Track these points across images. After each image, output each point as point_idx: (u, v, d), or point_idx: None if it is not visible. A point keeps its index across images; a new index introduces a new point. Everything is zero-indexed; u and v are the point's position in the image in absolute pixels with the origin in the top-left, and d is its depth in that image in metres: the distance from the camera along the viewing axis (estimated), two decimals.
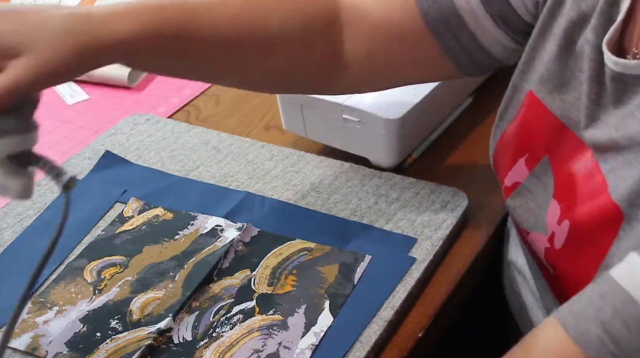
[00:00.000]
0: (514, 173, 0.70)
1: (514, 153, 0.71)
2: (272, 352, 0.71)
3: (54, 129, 1.05)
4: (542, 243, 0.67)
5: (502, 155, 0.73)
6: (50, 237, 0.63)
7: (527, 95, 0.69)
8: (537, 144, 0.69)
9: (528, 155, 0.69)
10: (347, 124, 0.89)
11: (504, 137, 0.72)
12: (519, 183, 0.70)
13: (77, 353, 0.73)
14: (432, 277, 0.79)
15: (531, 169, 0.69)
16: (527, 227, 0.69)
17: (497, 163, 0.75)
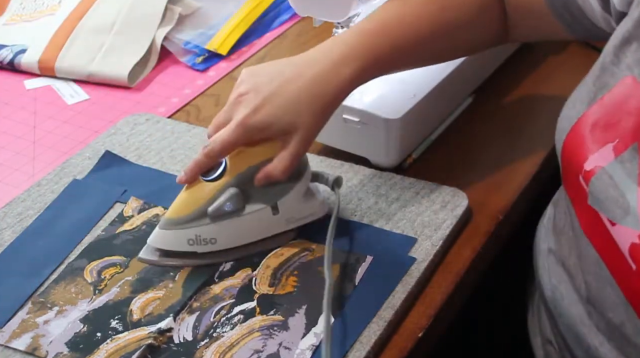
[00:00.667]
0: (599, 157, 0.68)
1: (601, 137, 0.69)
2: (272, 352, 0.71)
3: (54, 129, 1.05)
4: (630, 237, 0.65)
5: (582, 139, 0.71)
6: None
7: (625, 79, 0.68)
8: (628, 131, 0.67)
9: (618, 140, 0.67)
10: (347, 124, 0.89)
11: (585, 120, 0.70)
12: (601, 167, 0.68)
13: (77, 353, 0.73)
14: (432, 277, 0.79)
15: (618, 155, 0.67)
16: (613, 218, 0.67)
17: (572, 146, 0.72)
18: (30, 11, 1.27)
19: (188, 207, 0.78)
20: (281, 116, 0.75)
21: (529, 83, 1.04)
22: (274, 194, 0.78)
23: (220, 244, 0.79)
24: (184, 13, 1.21)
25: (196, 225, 0.77)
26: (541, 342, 0.85)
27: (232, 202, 0.76)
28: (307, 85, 0.76)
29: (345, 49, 0.78)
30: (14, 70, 1.18)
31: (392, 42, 0.81)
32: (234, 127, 0.76)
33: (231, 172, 0.77)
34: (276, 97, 0.75)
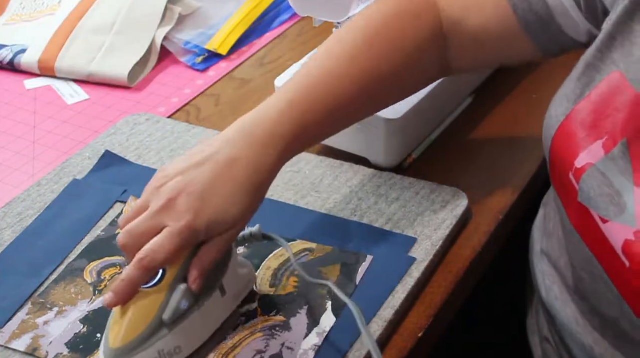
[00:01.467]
0: (589, 154, 0.68)
1: (590, 134, 0.69)
2: (275, 352, 0.71)
3: (54, 129, 1.05)
4: (624, 235, 0.65)
5: (571, 136, 0.70)
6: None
7: (611, 75, 0.68)
8: (617, 127, 0.67)
9: (607, 137, 0.67)
10: None
11: (574, 117, 0.70)
12: (592, 165, 0.68)
13: (77, 353, 0.73)
14: (432, 277, 0.79)
15: (608, 152, 0.67)
16: (606, 215, 0.67)
17: (560, 144, 0.72)
18: (30, 11, 1.27)
19: (138, 326, 0.67)
20: (226, 215, 0.69)
21: (528, 83, 1.04)
22: (216, 275, 0.70)
23: (186, 350, 0.69)
24: (184, 13, 1.21)
25: (155, 340, 0.67)
26: (539, 340, 0.85)
27: (186, 298, 0.68)
28: (244, 174, 0.70)
29: (271, 130, 0.72)
30: (14, 70, 1.18)
31: (317, 113, 0.75)
32: (177, 236, 0.67)
33: (172, 270, 0.67)
34: (214, 196, 0.68)
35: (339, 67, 0.77)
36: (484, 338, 1.02)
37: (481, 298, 0.89)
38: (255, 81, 1.11)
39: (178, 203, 0.68)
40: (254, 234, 0.76)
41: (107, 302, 0.68)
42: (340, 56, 0.78)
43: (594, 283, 0.71)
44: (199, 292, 0.68)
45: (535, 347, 0.87)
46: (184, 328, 0.68)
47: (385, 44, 0.79)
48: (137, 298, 0.67)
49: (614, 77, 0.68)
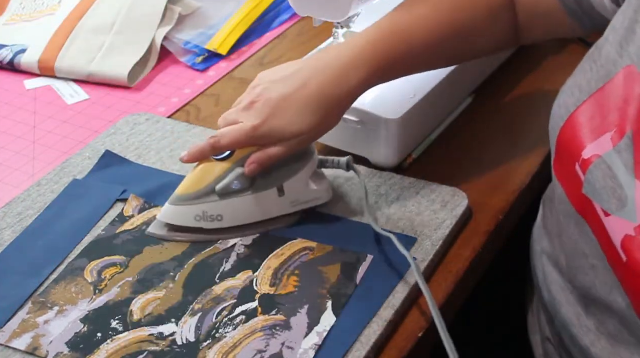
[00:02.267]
0: (597, 146, 0.69)
1: (600, 126, 0.69)
2: (275, 352, 0.71)
3: (54, 129, 1.05)
4: (624, 229, 0.66)
5: (581, 127, 0.71)
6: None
7: (626, 69, 0.68)
8: (626, 119, 0.67)
9: (616, 130, 0.67)
10: (347, 124, 0.89)
11: (585, 108, 0.71)
12: (599, 156, 0.68)
13: (77, 353, 0.73)
14: (432, 277, 0.79)
15: (615, 145, 0.67)
16: (609, 208, 0.67)
17: (569, 134, 0.72)
18: (30, 11, 1.27)
19: (197, 184, 0.81)
20: (285, 128, 0.79)
21: (528, 83, 1.04)
22: (281, 176, 0.81)
23: (226, 221, 0.82)
24: (184, 13, 1.21)
25: (204, 201, 0.81)
26: (540, 339, 0.85)
27: (239, 181, 0.80)
28: (316, 92, 0.79)
29: (355, 53, 0.80)
30: (14, 70, 1.18)
31: (402, 46, 0.82)
32: (244, 131, 0.80)
33: (239, 154, 0.80)
34: (283, 109, 0.79)
35: (422, 11, 0.84)
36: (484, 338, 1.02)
37: (481, 298, 0.89)
38: None
39: (256, 106, 0.80)
40: (340, 162, 0.85)
41: (181, 157, 0.83)
42: (428, 3, 0.85)
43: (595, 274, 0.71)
44: (254, 181, 0.81)
45: (536, 346, 0.87)
46: (231, 203, 0.81)
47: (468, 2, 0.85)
48: (206, 165, 0.82)
49: (629, 70, 0.68)
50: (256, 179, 0.81)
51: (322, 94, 0.79)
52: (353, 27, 0.92)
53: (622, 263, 0.66)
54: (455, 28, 0.84)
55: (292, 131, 0.79)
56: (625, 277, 0.67)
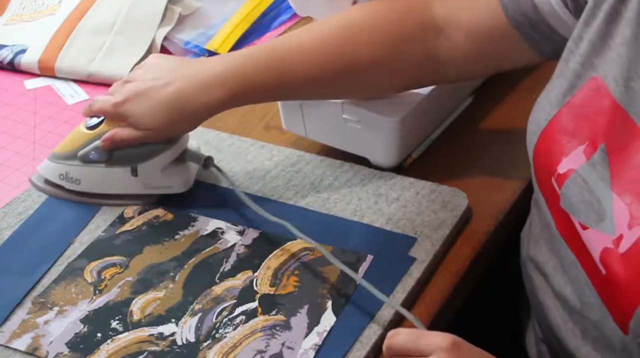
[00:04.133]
0: (571, 160, 0.69)
1: (572, 140, 0.69)
2: (275, 352, 0.71)
3: (54, 129, 1.05)
4: (603, 243, 0.66)
5: (554, 142, 0.71)
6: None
7: (591, 81, 0.68)
8: (596, 132, 0.67)
9: (588, 143, 0.67)
10: (347, 124, 0.89)
11: (556, 123, 0.71)
12: (574, 170, 0.68)
13: (77, 353, 0.73)
14: (432, 277, 0.79)
15: (589, 158, 0.67)
16: (586, 222, 0.67)
17: (543, 149, 0.72)
18: (30, 11, 1.27)
19: (67, 146, 0.89)
20: (139, 115, 0.84)
21: (528, 83, 1.04)
22: (137, 157, 0.86)
23: (83, 186, 0.88)
24: (184, 13, 1.21)
25: (68, 163, 0.88)
26: (535, 340, 0.85)
27: (97, 152, 0.86)
28: (173, 96, 0.83)
29: (221, 71, 0.82)
30: (14, 70, 1.18)
31: (272, 73, 0.83)
32: (107, 104, 0.86)
33: (103, 128, 0.86)
34: (144, 97, 0.84)
35: (311, 40, 0.84)
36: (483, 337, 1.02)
37: (481, 298, 0.89)
38: None
39: (126, 86, 0.85)
40: (198, 157, 0.89)
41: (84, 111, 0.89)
42: (318, 32, 0.84)
43: (579, 288, 0.71)
44: (112, 156, 0.86)
45: (530, 346, 0.87)
46: (88, 170, 0.88)
47: (368, 30, 0.83)
48: (78, 130, 0.89)
49: (594, 82, 0.68)
50: (113, 154, 0.86)
51: (178, 100, 0.82)
52: None
53: (602, 277, 0.66)
54: (343, 64, 0.83)
55: (142, 122, 0.84)
56: (604, 291, 0.67)
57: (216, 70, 0.82)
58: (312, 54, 0.83)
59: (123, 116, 0.85)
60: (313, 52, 0.83)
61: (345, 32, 0.83)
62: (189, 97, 0.82)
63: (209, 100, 0.82)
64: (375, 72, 0.84)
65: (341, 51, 0.83)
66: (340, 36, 0.83)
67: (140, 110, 0.84)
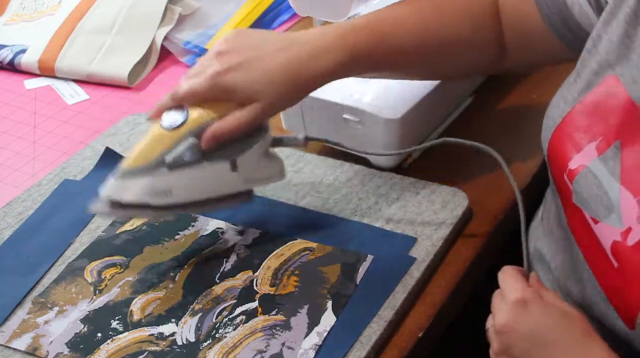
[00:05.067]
0: (582, 156, 0.69)
1: (585, 136, 0.70)
2: (275, 352, 0.71)
3: (54, 129, 1.05)
4: (612, 235, 0.66)
5: (567, 138, 0.71)
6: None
7: (607, 79, 0.69)
8: (610, 129, 0.68)
9: (601, 139, 0.68)
10: (347, 124, 0.89)
11: (570, 120, 0.71)
12: (585, 166, 0.69)
13: (77, 353, 0.73)
14: (432, 277, 0.79)
15: (601, 153, 0.68)
16: (597, 216, 0.68)
17: (557, 146, 0.73)
18: (30, 11, 1.27)
19: (146, 156, 0.75)
20: (250, 84, 0.75)
21: (528, 83, 1.04)
22: (234, 150, 0.77)
23: (175, 196, 0.76)
24: (184, 13, 1.21)
25: (152, 174, 0.75)
26: None
27: (190, 151, 0.74)
28: (284, 64, 0.76)
29: (331, 39, 0.78)
30: (14, 70, 1.18)
31: (379, 42, 0.80)
32: (203, 79, 0.75)
33: (191, 122, 0.75)
34: (252, 65, 0.76)
35: (409, 13, 0.82)
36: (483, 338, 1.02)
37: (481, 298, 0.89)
38: None
39: (222, 57, 0.76)
40: (297, 139, 0.81)
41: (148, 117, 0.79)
42: (411, 7, 0.83)
43: (583, 284, 0.72)
44: (207, 153, 0.75)
45: None
46: (181, 176, 0.75)
47: (452, 10, 0.83)
48: (154, 135, 0.75)
49: (610, 80, 0.68)
50: (209, 152, 0.76)
51: (289, 69, 0.76)
52: None
53: (614, 270, 0.67)
54: (438, 35, 0.82)
55: (254, 94, 0.75)
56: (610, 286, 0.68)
57: (325, 39, 0.78)
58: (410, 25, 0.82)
59: (228, 89, 0.75)
60: (411, 24, 0.82)
61: (435, 8, 0.83)
62: (303, 64, 0.76)
63: (320, 69, 0.77)
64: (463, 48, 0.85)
65: (435, 26, 0.83)
66: (431, 13, 0.83)
67: (252, 78, 0.75)
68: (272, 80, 0.76)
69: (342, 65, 0.78)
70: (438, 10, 0.83)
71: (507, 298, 0.69)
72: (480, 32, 0.84)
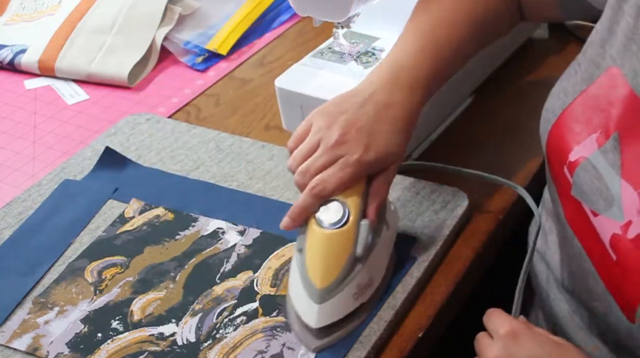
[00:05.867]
0: (583, 148, 0.69)
1: (585, 128, 0.69)
2: (276, 352, 0.71)
3: (54, 129, 1.05)
4: (612, 228, 0.66)
5: (567, 130, 0.71)
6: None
7: (609, 71, 0.69)
8: (610, 122, 0.68)
9: (601, 131, 0.68)
10: None
11: (570, 111, 0.71)
12: (585, 158, 0.69)
13: (78, 353, 0.73)
14: (432, 277, 0.79)
15: (601, 146, 0.68)
16: (596, 208, 0.68)
17: (556, 138, 0.73)
18: (30, 11, 1.27)
19: (337, 265, 0.71)
20: (389, 149, 0.75)
21: (528, 83, 1.04)
22: (382, 211, 0.75)
23: (375, 281, 0.74)
24: (184, 13, 1.21)
25: (353, 276, 0.71)
26: None
27: (371, 232, 0.73)
28: (399, 116, 0.76)
29: (413, 72, 0.78)
30: (14, 70, 1.18)
31: (446, 53, 0.81)
32: (349, 167, 0.73)
33: (355, 208, 0.72)
34: (379, 133, 0.74)
35: (447, 12, 0.83)
36: None
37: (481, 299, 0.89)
38: (255, 81, 1.11)
39: (349, 137, 0.73)
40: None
41: (283, 224, 0.74)
42: (444, 3, 0.84)
43: (584, 278, 0.72)
44: (377, 226, 0.74)
45: None
46: (372, 260, 0.73)
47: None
48: (329, 241, 0.71)
49: (611, 72, 0.68)
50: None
51: (406, 112, 0.76)
52: (353, 27, 0.92)
53: (613, 263, 0.67)
54: (477, 20, 0.84)
55: (395, 151, 0.75)
56: (611, 279, 0.68)
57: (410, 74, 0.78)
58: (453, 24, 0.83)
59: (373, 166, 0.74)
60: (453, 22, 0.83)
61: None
62: (411, 106, 0.77)
63: (418, 102, 0.78)
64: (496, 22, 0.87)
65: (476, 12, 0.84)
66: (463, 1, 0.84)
67: (387, 144, 0.74)
68: (398, 136, 0.75)
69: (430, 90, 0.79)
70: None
71: (497, 332, 0.68)
72: (505, 4, 0.86)
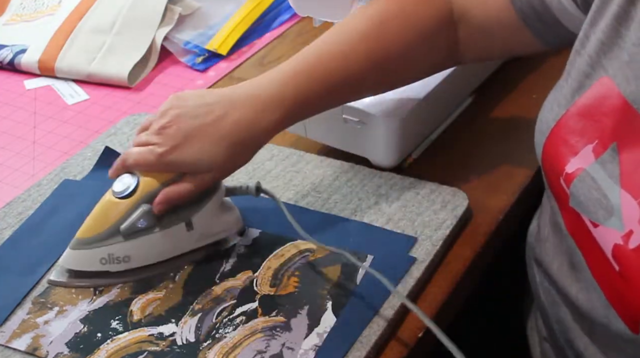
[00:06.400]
0: (579, 159, 0.69)
1: (580, 139, 0.69)
2: (275, 352, 0.71)
3: (54, 129, 1.05)
4: (613, 239, 0.66)
5: (562, 142, 0.71)
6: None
7: (600, 81, 0.68)
8: (606, 131, 0.67)
9: (597, 141, 0.68)
10: (347, 124, 0.89)
11: (564, 123, 0.71)
12: (582, 169, 0.68)
13: (77, 353, 0.73)
14: (432, 277, 0.79)
15: (598, 156, 0.68)
16: (596, 219, 0.67)
17: (552, 149, 0.72)
18: (30, 11, 1.27)
19: (100, 226, 0.77)
20: (197, 159, 0.76)
21: (528, 83, 1.04)
22: (188, 210, 0.78)
23: (134, 262, 0.78)
24: (184, 13, 1.21)
25: (109, 243, 0.77)
26: (538, 339, 0.85)
27: (145, 218, 0.76)
28: (228, 131, 0.76)
29: (271, 93, 0.78)
30: (14, 70, 1.18)
31: (321, 84, 0.79)
32: (152, 157, 0.76)
33: (143, 190, 0.76)
34: (196, 139, 0.76)
35: (349, 42, 0.81)
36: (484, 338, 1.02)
37: (481, 299, 0.89)
38: None
39: (167, 132, 0.76)
40: (249, 188, 0.82)
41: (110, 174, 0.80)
42: (353, 32, 0.81)
43: (584, 289, 0.72)
44: (161, 217, 0.77)
45: (534, 346, 0.87)
46: (138, 242, 0.77)
47: (397, 24, 0.82)
48: (107, 204, 0.77)
49: (603, 82, 0.68)
50: (163, 215, 0.77)
51: (234, 135, 0.76)
52: None
53: (615, 273, 0.66)
54: (380, 59, 0.81)
55: (204, 163, 0.76)
56: (612, 290, 0.67)
57: (269, 93, 0.78)
58: (354, 55, 0.80)
59: (175, 166, 0.76)
60: (355, 53, 0.80)
61: (379, 28, 0.82)
62: (249, 126, 0.77)
63: (267, 124, 0.77)
64: (408, 63, 0.84)
65: (379, 47, 0.81)
66: (375, 33, 0.82)
67: (198, 152, 0.76)
68: (218, 151, 0.76)
69: (287, 118, 0.79)
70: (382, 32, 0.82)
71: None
72: (430, 45, 0.83)
